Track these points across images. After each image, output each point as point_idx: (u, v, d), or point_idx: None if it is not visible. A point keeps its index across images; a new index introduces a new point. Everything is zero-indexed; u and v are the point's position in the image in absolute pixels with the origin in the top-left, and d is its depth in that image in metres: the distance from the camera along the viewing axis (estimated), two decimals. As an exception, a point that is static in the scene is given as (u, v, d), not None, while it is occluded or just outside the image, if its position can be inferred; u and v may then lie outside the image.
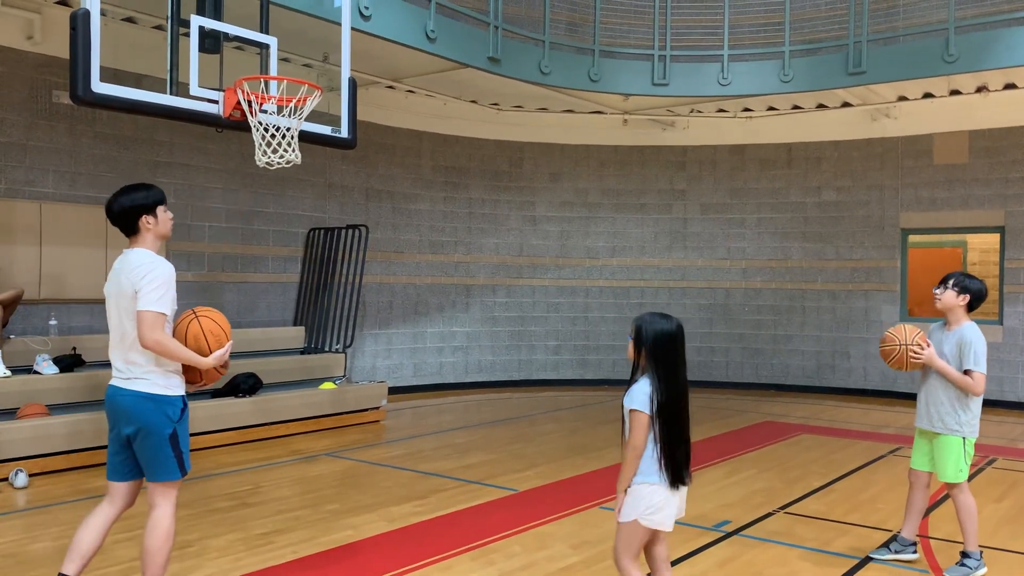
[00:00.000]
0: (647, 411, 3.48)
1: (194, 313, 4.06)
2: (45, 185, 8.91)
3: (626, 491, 3.59)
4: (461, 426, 10.20)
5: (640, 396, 3.50)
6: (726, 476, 7.54)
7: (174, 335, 3.99)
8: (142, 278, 3.86)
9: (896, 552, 5.24)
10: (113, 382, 4.02)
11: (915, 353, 4.92)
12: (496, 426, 10.18)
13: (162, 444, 3.94)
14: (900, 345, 4.96)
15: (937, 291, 5.06)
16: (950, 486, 5.01)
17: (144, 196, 4.02)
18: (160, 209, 4.06)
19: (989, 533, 5.82)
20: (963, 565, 4.98)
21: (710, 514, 6.23)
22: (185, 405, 4.07)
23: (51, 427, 7.23)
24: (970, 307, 5.01)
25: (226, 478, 7.21)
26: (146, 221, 4.01)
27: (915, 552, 5.25)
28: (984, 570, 4.99)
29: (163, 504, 3.99)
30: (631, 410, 3.52)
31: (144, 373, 3.94)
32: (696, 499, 6.69)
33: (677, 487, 3.58)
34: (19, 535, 5.50)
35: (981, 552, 5.06)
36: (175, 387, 4.01)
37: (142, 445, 3.95)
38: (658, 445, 3.51)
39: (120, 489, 4.09)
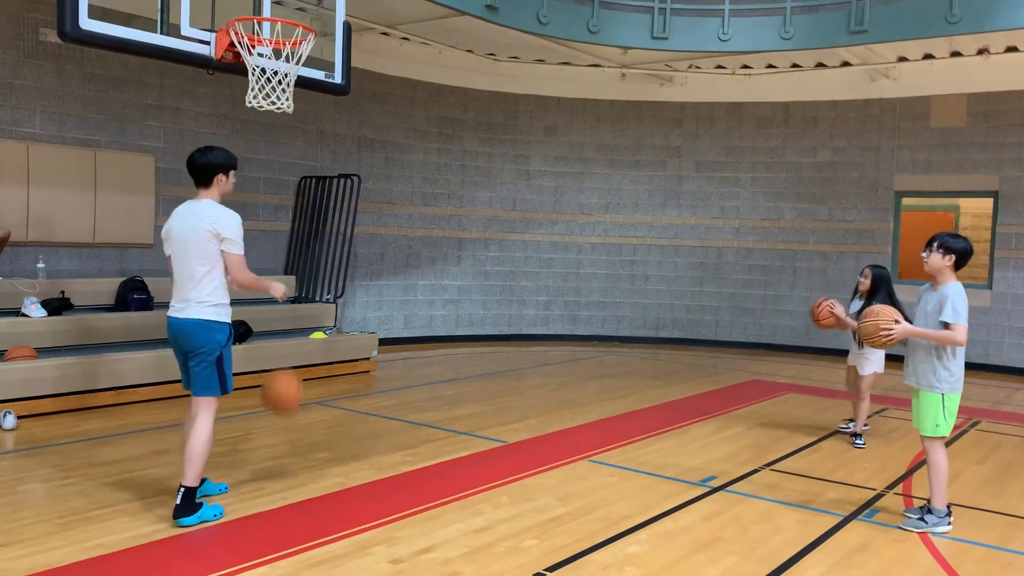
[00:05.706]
0: None
1: None
2: (32, 125, 8.76)
3: None
4: (451, 378, 10.23)
5: None
6: (713, 432, 7.60)
7: None
8: (226, 227, 4.65)
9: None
10: (173, 314, 4.78)
11: (887, 332, 5.05)
12: (486, 379, 10.21)
13: (211, 363, 4.73)
14: (873, 322, 5.15)
15: (924, 254, 5.15)
16: (926, 440, 5.10)
17: (225, 157, 4.83)
18: (232, 172, 4.86)
19: (971, 493, 5.90)
20: (922, 520, 5.08)
21: (697, 469, 6.29)
22: (232, 332, 4.84)
23: (40, 370, 7.20)
24: (957, 266, 5.07)
25: (216, 424, 7.17)
26: (219, 178, 4.80)
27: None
28: (946, 528, 5.04)
29: (205, 414, 4.78)
30: None
31: (201, 301, 4.68)
32: (683, 454, 6.75)
33: None
34: (7, 476, 5.50)
35: (949, 511, 5.11)
36: (224, 316, 4.77)
37: (193, 363, 4.75)
38: None
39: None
